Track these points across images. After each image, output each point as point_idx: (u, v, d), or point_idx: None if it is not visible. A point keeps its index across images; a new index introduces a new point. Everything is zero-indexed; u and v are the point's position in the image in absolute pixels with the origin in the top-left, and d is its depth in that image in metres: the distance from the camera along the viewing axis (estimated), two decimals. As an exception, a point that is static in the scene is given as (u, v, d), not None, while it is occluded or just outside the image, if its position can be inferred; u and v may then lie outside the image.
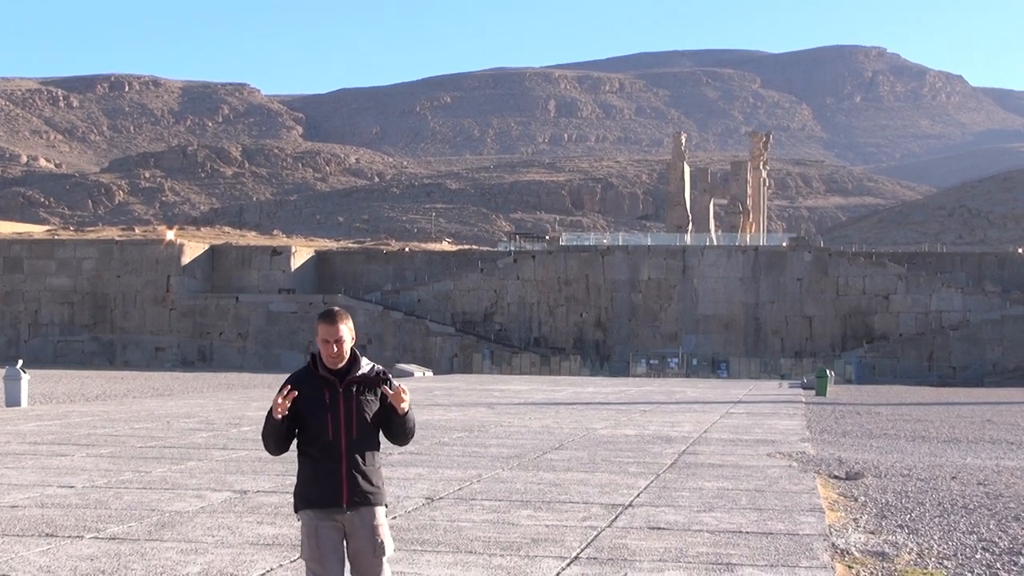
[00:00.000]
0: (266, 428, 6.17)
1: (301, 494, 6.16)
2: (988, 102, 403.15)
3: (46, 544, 10.00)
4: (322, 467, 6.07)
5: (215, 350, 75.14)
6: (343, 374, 6.13)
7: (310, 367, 6.18)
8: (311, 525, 6.08)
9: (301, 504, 6.15)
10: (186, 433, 21.71)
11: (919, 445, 22.46)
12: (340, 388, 6.10)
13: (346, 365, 6.15)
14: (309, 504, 6.10)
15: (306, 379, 6.14)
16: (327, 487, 6.05)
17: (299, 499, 6.17)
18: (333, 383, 6.11)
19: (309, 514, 6.10)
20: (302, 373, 6.19)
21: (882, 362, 70.68)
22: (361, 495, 6.07)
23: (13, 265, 77.04)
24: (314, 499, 6.08)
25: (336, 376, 6.13)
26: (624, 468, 16.69)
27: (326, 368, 6.13)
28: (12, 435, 20.73)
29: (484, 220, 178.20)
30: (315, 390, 6.10)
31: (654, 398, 39.61)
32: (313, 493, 6.08)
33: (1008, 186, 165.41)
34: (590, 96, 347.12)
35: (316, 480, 6.08)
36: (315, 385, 6.11)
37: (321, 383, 6.12)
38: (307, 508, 6.11)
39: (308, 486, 6.11)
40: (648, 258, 76.49)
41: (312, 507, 6.09)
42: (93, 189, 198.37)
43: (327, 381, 6.12)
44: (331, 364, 6.12)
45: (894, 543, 10.82)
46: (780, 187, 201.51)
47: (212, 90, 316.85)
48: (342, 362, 6.12)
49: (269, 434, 6.17)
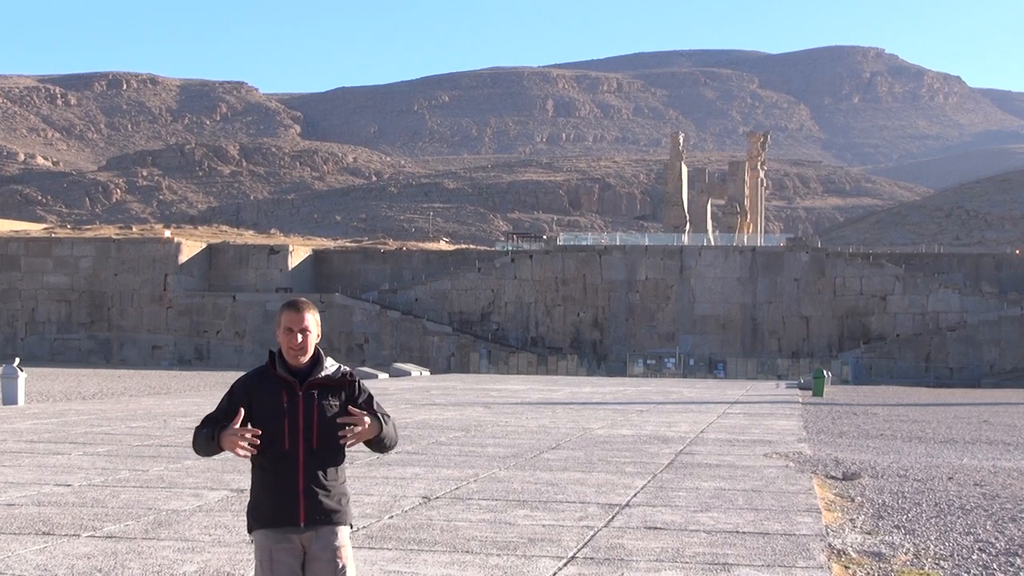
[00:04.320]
0: (201, 440, 5.42)
1: (254, 512, 5.45)
2: (986, 103, 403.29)
3: (43, 543, 9.99)
4: (277, 481, 5.36)
5: (212, 349, 75.12)
6: (304, 375, 5.43)
7: (267, 367, 5.47)
8: (265, 548, 5.38)
9: (254, 523, 5.44)
10: (183, 432, 21.69)
11: (916, 446, 22.47)
12: (300, 391, 5.38)
13: (308, 364, 5.44)
14: (263, 523, 5.39)
15: (261, 380, 5.44)
16: (282, 504, 5.34)
17: (252, 517, 5.46)
18: (292, 384, 5.39)
19: (263, 535, 5.39)
20: (256, 373, 5.50)
21: (879, 363, 70.73)
22: (322, 513, 5.37)
23: (10, 263, 76.99)
24: (268, 518, 5.37)
25: (296, 377, 5.42)
26: (621, 468, 16.70)
27: (286, 367, 5.44)
28: (9, 433, 20.71)
29: (481, 220, 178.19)
30: (271, 392, 5.39)
31: (651, 398, 39.62)
32: (267, 511, 5.38)
33: (1006, 187, 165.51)
34: (588, 96, 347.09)
35: (270, 496, 5.37)
36: (271, 387, 5.40)
37: (279, 384, 5.40)
38: (261, 528, 5.40)
39: (261, 503, 5.41)
40: (645, 258, 76.51)
41: (266, 527, 5.38)
42: (90, 187, 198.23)
43: (286, 382, 5.40)
44: (293, 359, 5.41)
45: (890, 543, 10.83)
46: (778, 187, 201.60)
47: (210, 88, 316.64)
48: (305, 357, 5.42)
49: (199, 447, 5.45)
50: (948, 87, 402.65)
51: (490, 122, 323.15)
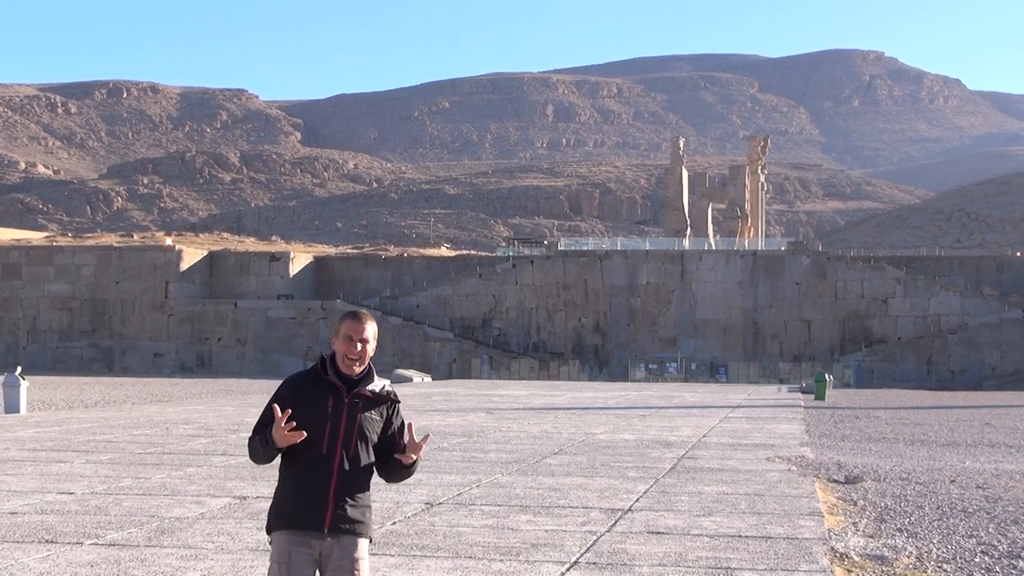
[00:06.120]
0: (256, 446, 5.47)
1: (278, 512, 5.42)
2: (986, 106, 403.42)
3: (46, 551, 10.00)
4: (308, 483, 5.35)
5: (214, 356, 75.13)
6: (353, 384, 5.48)
7: (317, 369, 5.51)
8: (284, 549, 5.33)
9: (276, 523, 5.41)
10: (185, 439, 21.70)
11: (918, 449, 22.47)
12: (346, 398, 5.43)
13: (359, 375, 5.49)
14: (285, 523, 5.36)
15: (309, 382, 5.47)
16: (310, 507, 5.32)
17: (274, 517, 5.43)
18: (340, 390, 5.44)
19: (283, 536, 5.36)
20: (305, 374, 5.54)
21: (881, 366, 70.69)
22: (347, 522, 5.37)
23: (11, 272, 77.03)
24: (292, 519, 5.34)
25: (345, 384, 5.48)
26: (623, 473, 16.70)
27: (337, 373, 5.47)
28: (11, 442, 20.72)
29: (482, 225, 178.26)
30: (318, 395, 5.42)
31: (653, 403, 39.61)
32: (292, 512, 5.35)
33: (1006, 189, 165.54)
34: (588, 101, 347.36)
35: (298, 497, 5.36)
36: (319, 389, 5.44)
37: (326, 388, 5.44)
38: (282, 529, 5.37)
39: (287, 503, 5.38)
40: (646, 263, 76.52)
41: (289, 528, 5.35)
42: (91, 195, 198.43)
43: (334, 387, 5.45)
44: (348, 367, 5.45)
45: (893, 547, 10.83)
46: (778, 191, 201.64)
47: (210, 96, 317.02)
48: (361, 367, 5.47)
49: (256, 454, 5.50)
50: (948, 90, 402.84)
51: (490, 128, 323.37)
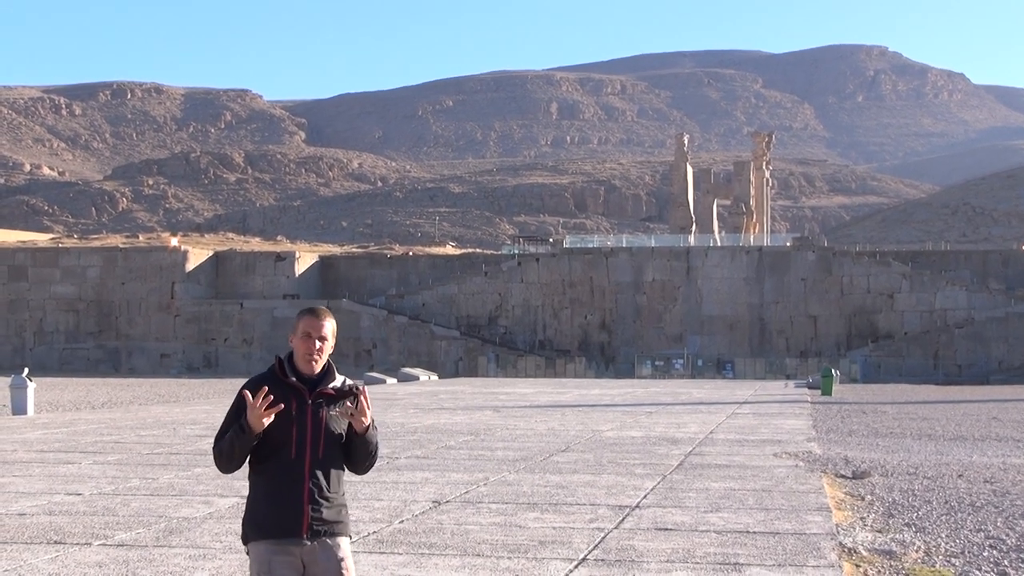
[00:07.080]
0: (226, 443, 5.22)
1: (252, 522, 5.24)
2: (990, 99, 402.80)
3: (54, 552, 10.01)
4: (280, 490, 5.19)
5: (220, 356, 75.20)
6: (313, 384, 5.28)
7: (275, 372, 5.29)
8: (264, 559, 5.17)
9: (253, 533, 5.23)
10: (193, 439, 21.72)
11: (925, 443, 22.45)
12: (309, 399, 5.23)
13: (319, 373, 5.31)
14: (262, 534, 5.19)
15: (269, 385, 5.21)
16: (285, 514, 5.16)
17: (250, 527, 5.25)
18: (302, 392, 5.24)
19: (261, 546, 5.19)
20: (264, 377, 5.29)
21: (887, 361, 70.62)
22: (324, 524, 5.21)
23: (18, 273, 77.14)
24: (268, 528, 5.18)
25: (306, 385, 5.28)
26: (631, 470, 16.70)
27: (296, 374, 5.29)
28: (19, 443, 20.75)
29: (487, 223, 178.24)
30: (280, 398, 5.17)
31: (660, 399, 39.60)
32: (268, 521, 5.18)
33: (1011, 183, 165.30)
34: (592, 98, 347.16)
35: (272, 505, 5.19)
36: (280, 393, 5.19)
37: (288, 391, 5.22)
38: (259, 539, 5.20)
39: (261, 512, 5.21)
40: (652, 259, 76.47)
41: (266, 537, 5.18)
42: (96, 197, 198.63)
43: (295, 389, 5.24)
44: (306, 366, 5.28)
45: (901, 541, 10.82)
46: (783, 187, 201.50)
47: (214, 96, 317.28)
48: (320, 365, 5.30)
49: (230, 449, 5.21)
50: (952, 84, 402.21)
51: (495, 126, 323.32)
